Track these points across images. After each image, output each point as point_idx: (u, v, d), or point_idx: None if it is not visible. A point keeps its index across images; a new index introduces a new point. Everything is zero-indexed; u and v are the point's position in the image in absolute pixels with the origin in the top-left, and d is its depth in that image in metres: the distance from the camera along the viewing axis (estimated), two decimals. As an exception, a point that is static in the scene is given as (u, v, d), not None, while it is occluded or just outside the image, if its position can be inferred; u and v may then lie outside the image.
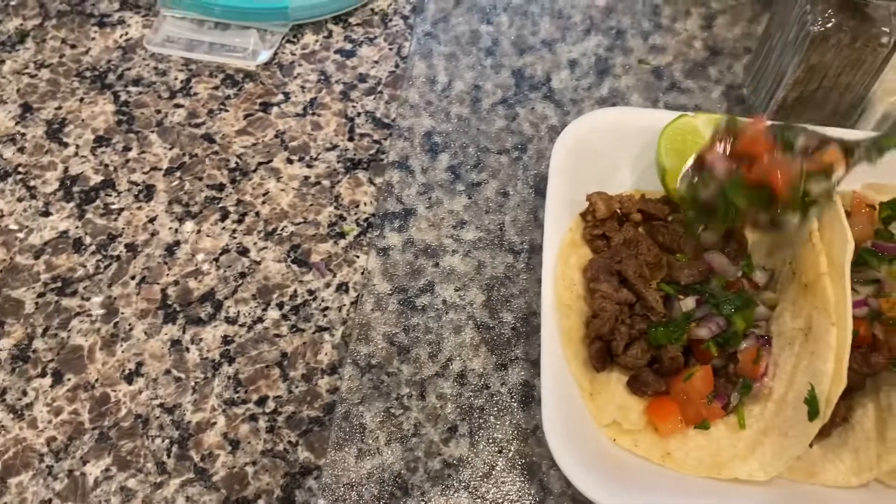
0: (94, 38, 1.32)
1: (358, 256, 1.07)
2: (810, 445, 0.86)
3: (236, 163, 1.17)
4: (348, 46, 1.31)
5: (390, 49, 1.30)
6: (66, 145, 1.19)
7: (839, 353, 0.81)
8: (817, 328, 0.84)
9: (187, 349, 1.00)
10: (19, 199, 1.13)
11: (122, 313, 1.03)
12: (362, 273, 1.05)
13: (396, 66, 1.28)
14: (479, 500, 0.88)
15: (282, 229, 1.10)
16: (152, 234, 1.10)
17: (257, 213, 1.12)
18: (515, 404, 0.95)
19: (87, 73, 1.28)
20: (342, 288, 1.04)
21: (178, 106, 1.24)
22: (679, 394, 0.89)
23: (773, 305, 0.93)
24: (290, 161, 1.17)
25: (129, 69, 1.28)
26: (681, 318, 0.91)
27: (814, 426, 0.82)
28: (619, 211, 1.02)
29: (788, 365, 0.87)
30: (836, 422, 0.89)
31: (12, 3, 1.36)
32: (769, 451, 0.85)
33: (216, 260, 1.07)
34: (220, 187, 1.15)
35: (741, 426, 0.88)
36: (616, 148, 1.09)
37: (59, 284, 1.05)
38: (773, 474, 0.84)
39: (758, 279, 0.93)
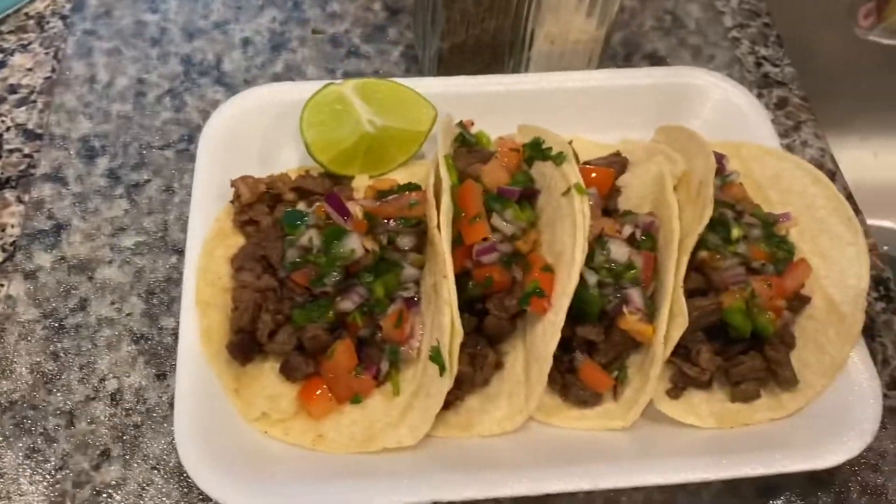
0: None
1: (2, 285, 0.98)
2: (458, 399, 0.86)
3: None
4: (-1, 57, 1.20)
5: (46, 54, 1.20)
6: None
7: (451, 304, 0.79)
8: (438, 283, 0.83)
9: None
10: None
11: None
12: (6, 303, 0.96)
13: (53, 70, 1.19)
14: (133, 524, 0.83)
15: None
16: None
17: None
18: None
19: None
20: (-18, 323, 0.96)
21: None
22: (327, 372, 0.86)
23: (421, 265, 0.91)
24: (-72, 192, 1.06)
25: None
26: (325, 297, 0.87)
27: (444, 382, 0.80)
28: (270, 192, 0.97)
29: (428, 323, 0.86)
30: (490, 370, 0.89)
31: None
32: (417, 414, 0.84)
33: None
34: None
35: (395, 393, 0.87)
36: (275, 127, 1.04)
37: None
38: (419, 437, 0.82)
39: (401, 242, 0.91)
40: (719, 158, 0.98)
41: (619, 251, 0.88)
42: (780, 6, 1.38)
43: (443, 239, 0.80)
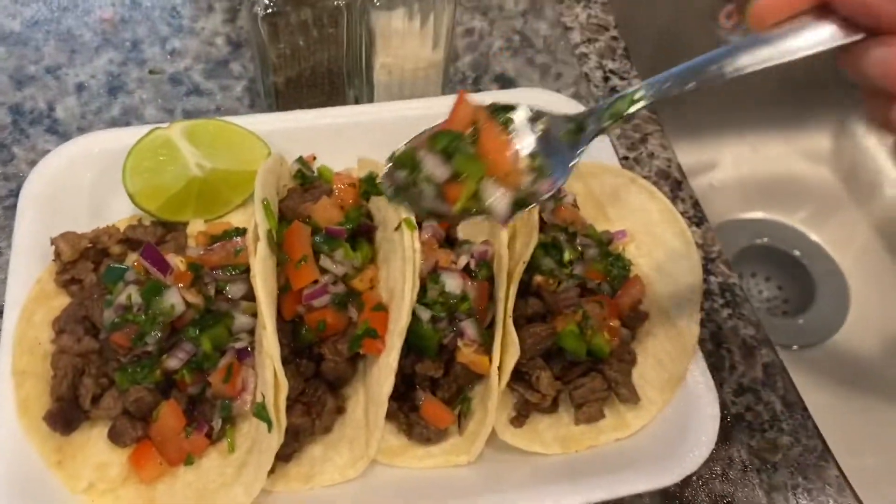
0: None
1: None
2: (297, 451, 0.83)
3: None
4: None
5: None
6: None
7: (273, 357, 0.77)
8: (259, 335, 0.80)
9: None
10: None
11: None
12: None
13: None
14: None
15: None
16: None
17: None
18: (-2, 492, 0.84)
19: None
20: None
21: None
22: (155, 435, 0.82)
23: (254, 313, 0.88)
24: None
25: None
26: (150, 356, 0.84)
27: (273, 437, 0.78)
28: (95, 247, 0.93)
29: (261, 374, 0.83)
30: (331, 417, 0.86)
31: None
32: (251, 471, 0.81)
33: None
34: None
35: (230, 450, 0.84)
36: (104, 176, 0.99)
37: None
38: (254, 494, 0.79)
39: (230, 291, 0.88)
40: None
41: (452, 283, 0.87)
42: (629, 19, 1.41)
43: (258, 288, 0.77)
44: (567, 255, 0.90)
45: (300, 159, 1.02)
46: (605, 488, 0.81)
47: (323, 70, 1.07)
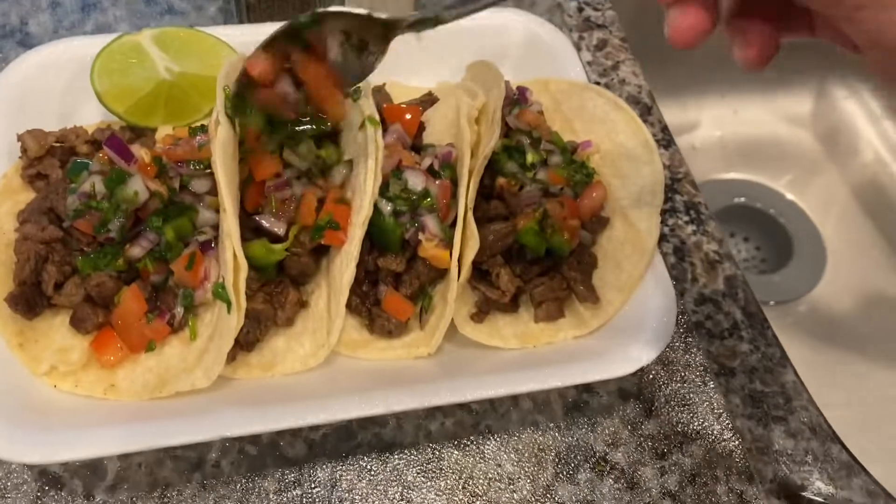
0: None
1: None
2: (259, 340, 0.84)
3: None
4: None
5: None
6: None
7: (232, 237, 0.78)
8: (220, 219, 0.81)
9: None
10: None
11: None
12: None
13: None
14: None
15: None
16: None
17: None
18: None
19: None
20: None
21: None
22: (116, 321, 0.83)
23: (217, 208, 0.88)
24: None
25: None
26: (112, 244, 0.84)
27: (232, 318, 0.79)
28: (62, 146, 0.93)
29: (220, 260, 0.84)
30: (294, 308, 0.87)
31: None
32: (211, 356, 0.81)
33: None
34: None
35: (192, 338, 0.84)
36: (74, 82, 1.00)
37: None
38: (213, 377, 0.80)
39: (195, 186, 0.88)
40: (522, 91, 0.99)
41: (414, 180, 0.88)
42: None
43: (218, 168, 0.78)
44: (530, 158, 0.91)
45: (269, 69, 1.03)
46: (558, 377, 0.82)
47: (295, -17, 1.07)
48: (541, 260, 0.89)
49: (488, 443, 0.87)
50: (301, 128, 0.87)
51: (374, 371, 0.86)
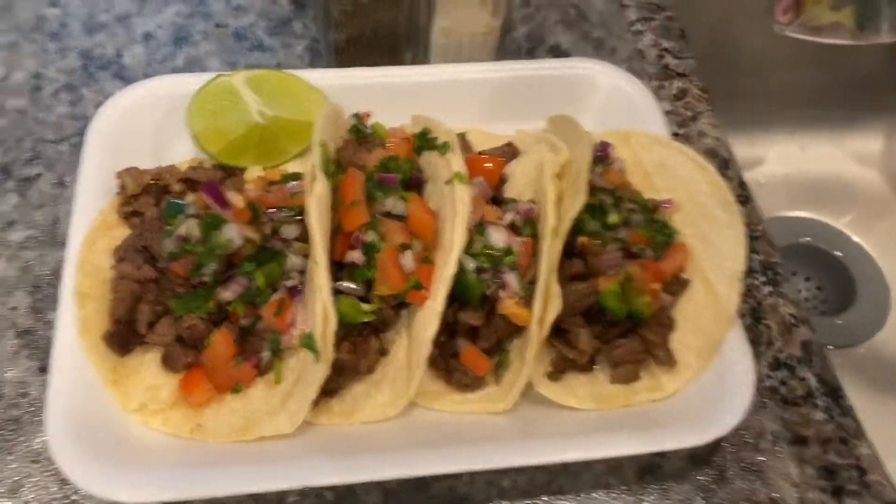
0: None
1: None
2: (342, 387, 0.86)
3: None
4: None
5: (-60, 47, 1.19)
6: None
7: (323, 290, 0.80)
8: (311, 270, 0.83)
9: None
10: None
11: None
12: None
13: (-53, 65, 1.17)
14: (7, 519, 0.82)
15: None
16: None
17: None
18: (56, 407, 0.88)
19: None
20: None
21: None
22: (206, 362, 0.86)
23: (306, 255, 0.91)
24: None
25: None
26: (205, 287, 0.87)
27: (319, 368, 0.81)
28: (157, 184, 0.97)
29: (309, 310, 0.86)
30: (375, 357, 0.89)
31: None
32: (296, 402, 0.84)
33: None
34: None
35: (276, 381, 0.87)
36: (167, 120, 1.03)
37: None
38: (297, 423, 0.82)
39: (285, 232, 0.91)
40: (603, 146, 1.00)
41: (497, 237, 0.89)
42: (689, 3, 1.41)
43: (313, 222, 0.80)
44: (612, 218, 0.92)
45: (356, 115, 1.05)
46: (632, 444, 0.83)
47: (383, 30, 1.10)
48: (619, 321, 0.89)
49: (560, 503, 0.87)
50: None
51: (447, 423, 0.88)
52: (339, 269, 0.88)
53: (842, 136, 1.76)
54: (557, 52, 1.28)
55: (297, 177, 0.94)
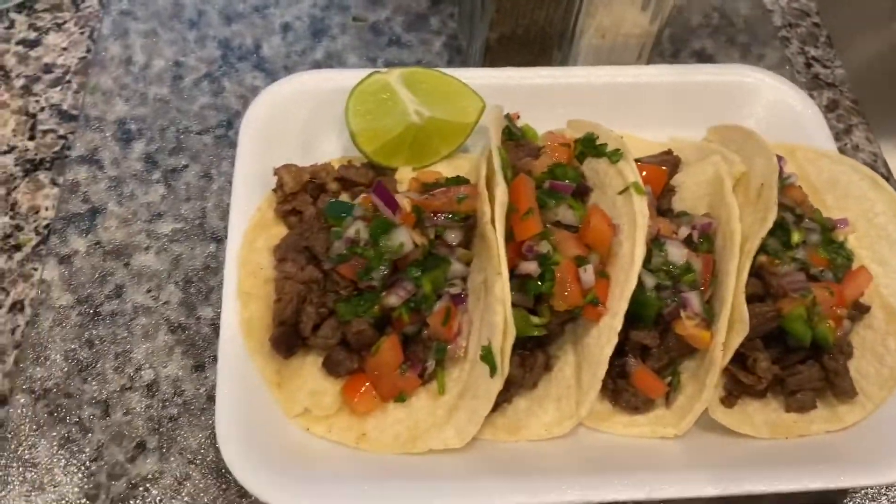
0: None
1: (36, 269, 0.96)
2: (506, 401, 0.83)
3: None
4: (32, 35, 1.17)
5: (81, 33, 1.18)
6: None
7: (505, 303, 0.77)
8: (490, 280, 0.80)
9: None
10: None
11: None
12: (40, 287, 0.94)
13: (88, 50, 1.16)
14: (169, 519, 0.81)
15: (-50, 250, 0.98)
16: None
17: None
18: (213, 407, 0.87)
19: None
20: (16, 307, 0.93)
21: None
22: (371, 369, 0.83)
23: (468, 261, 0.88)
24: (-40, 171, 1.04)
25: None
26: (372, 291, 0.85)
27: (495, 383, 0.78)
28: (313, 182, 0.95)
29: (477, 321, 0.83)
30: (539, 372, 0.86)
31: None
32: (464, 415, 0.81)
33: None
34: None
35: (440, 392, 0.84)
36: (316, 115, 1.01)
37: None
38: (467, 439, 0.80)
39: (449, 237, 0.88)
40: (778, 160, 0.95)
41: (676, 253, 0.85)
42: (832, 7, 1.34)
43: (497, 235, 0.77)
44: (795, 238, 0.87)
45: (507, 115, 1.02)
46: (816, 478, 0.78)
47: (536, 29, 1.06)
48: (801, 347, 0.85)
49: (733, 534, 0.83)
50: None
51: (613, 446, 0.84)
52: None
53: None
54: (702, 56, 1.23)
55: (461, 180, 0.91)
